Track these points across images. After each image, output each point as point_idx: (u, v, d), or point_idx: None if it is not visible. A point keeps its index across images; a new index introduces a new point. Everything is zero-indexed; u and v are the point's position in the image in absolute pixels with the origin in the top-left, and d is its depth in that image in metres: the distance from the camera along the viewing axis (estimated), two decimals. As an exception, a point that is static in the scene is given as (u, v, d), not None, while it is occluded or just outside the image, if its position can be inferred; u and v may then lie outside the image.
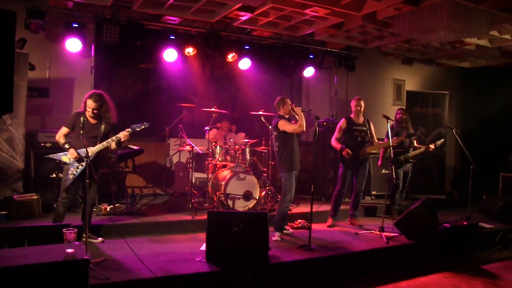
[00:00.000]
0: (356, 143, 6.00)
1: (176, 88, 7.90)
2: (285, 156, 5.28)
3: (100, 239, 4.95)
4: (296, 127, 5.15)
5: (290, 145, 5.27)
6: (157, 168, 7.71)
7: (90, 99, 4.66)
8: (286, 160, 5.28)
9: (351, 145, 5.94)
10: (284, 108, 5.35)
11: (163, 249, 4.80)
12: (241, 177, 6.34)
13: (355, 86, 9.33)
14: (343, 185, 6.05)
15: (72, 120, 4.71)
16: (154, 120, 7.64)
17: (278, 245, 5.05)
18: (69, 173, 4.55)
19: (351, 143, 5.98)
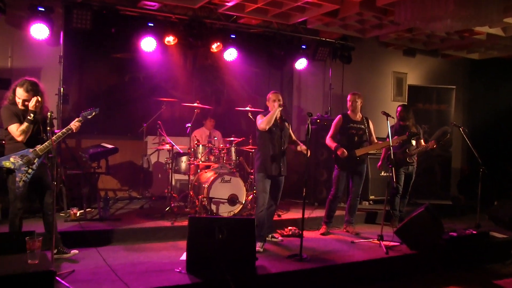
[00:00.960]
0: (352, 142, 6.03)
1: (154, 81, 7.88)
2: (260, 156, 5.32)
3: (74, 251, 4.72)
4: (260, 124, 5.22)
5: (267, 146, 5.26)
6: (133, 169, 7.68)
7: (21, 88, 4.31)
8: (259, 161, 5.32)
9: (347, 144, 5.98)
10: (268, 103, 5.40)
11: (139, 258, 4.79)
12: (226, 179, 6.34)
13: (352, 80, 9.39)
14: (338, 189, 6.08)
15: (16, 114, 4.32)
16: (130, 116, 7.68)
17: (266, 254, 5.06)
18: (17, 180, 4.22)
19: (347, 142, 6.01)
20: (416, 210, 5.63)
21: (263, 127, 5.17)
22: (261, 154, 5.31)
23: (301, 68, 8.62)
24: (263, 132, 5.24)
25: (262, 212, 5.22)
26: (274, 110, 5.19)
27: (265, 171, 5.23)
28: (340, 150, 5.87)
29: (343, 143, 6.00)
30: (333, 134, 6.14)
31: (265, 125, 5.17)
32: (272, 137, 5.26)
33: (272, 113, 5.18)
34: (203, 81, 8.39)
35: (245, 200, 6.44)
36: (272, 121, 5.17)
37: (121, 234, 5.47)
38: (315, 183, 7.82)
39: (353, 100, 6.12)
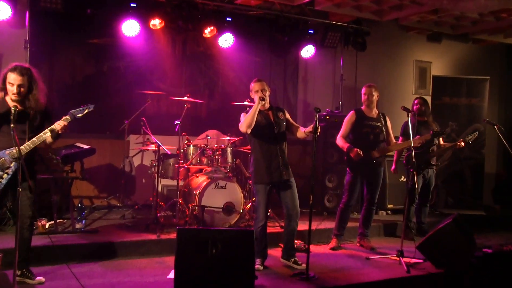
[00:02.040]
0: (367, 142, 6.02)
1: (138, 71, 7.86)
2: (254, 162, 5.26)
3: (40, 278, 4.52)
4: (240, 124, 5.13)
5: (258, 148, 5.19)
6: (113, 173, 7.67)
7: (13, 72, 4.28)
8: (254, 168, 5.25)
9: (362, 144, 5.96)
10: (252, 94, 5.29)
11: (119, 277, 4.75)
12: (221, 184, 6.32)
13: (367, 70, 9.37)
14: (351, 196, 6.07)
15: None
16: (110, 111, 7.66)
17: (267, 272, 5.03)
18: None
19: (362, 142, 6.00)
20: (443, 221, 5.61)
21: (243, 130, 5.06)
22: (253, 159, 5.27)
23: (307, 56, 8.60)
24: (254, 132, 5.15)
25: (259, 229, 5.15)
26: (254, 107, 5.05)
27: (262, 180, 5.17)
28: (354, 151, 5.86)
29: (356, 143, 5.98)
30: (344, 133, 6.12)
31: (245, 127, 5.02)
32: (263, 137, 5.16)
33: (252, 112, 5.00)
34: (194, 72, 8.37)
35: (243, 209, 6.41)
36: (253, 121, 4.99)
37: (98, 249, 5.44)
38: (324, 190, 7.80)
39: (368, 94, 6.10)
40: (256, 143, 5.20)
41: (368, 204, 6.20)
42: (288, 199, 5.22)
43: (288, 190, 5.22)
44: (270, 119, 5.20)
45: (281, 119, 5.27)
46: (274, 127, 5.17)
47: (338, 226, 6.23)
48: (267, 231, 5.33)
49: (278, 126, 5.21)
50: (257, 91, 5.15)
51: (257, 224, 5.19)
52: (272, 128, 5.16)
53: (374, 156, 5.98)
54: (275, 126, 5.19)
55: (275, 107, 5.38)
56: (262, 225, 5.17)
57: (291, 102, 9.12)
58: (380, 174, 6.13)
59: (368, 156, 5.93)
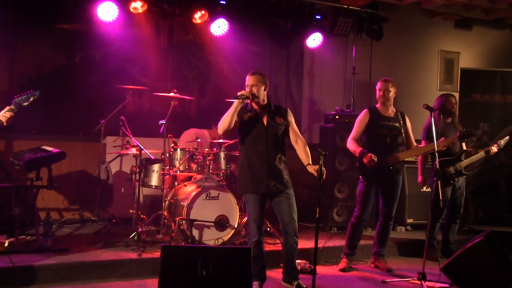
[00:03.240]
0: (383, 145, 6.02)
1: (116, 62, 7.87)
2: (239, 168, 5.29)
3: None
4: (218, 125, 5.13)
5: (244, 153, 5.21)
6: (87, 181, 7.68)
7: None
8: (239, 175, 5.29)
9: (377, 148, 5.96)
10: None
11: (92, 304, 4.76)
12: (213, 195, 6.32)
13: (383, 62, 9.40)
14: (364, 209, 6.06)
15: None
16: (83, 109, 7.67)
17: (267, 298, 5.05)
18: None
19: (377, 146, 6.00)
20: (472, 239, 5.58)
21: (220, 132, 5.09)
22: (239, 164, 5.29)
23: (314, 46, 8.60)
24: (239, 135, 5.18)
25: (253, 246, 5.12)
26: (232, 106, 5.01)
27: (246, 189, 5.18)
28: (367, 156, 5.85)
29: (370, 147, 5.98)
30: (356, 135, 6.12)
31: (220, 129, 5.03)
32: (251, 141, 5.15)
33: (229, 112, 4.98)
34: (182, 63, 8.39)
35: (238, 223, 6.41)
36: (230, 122, 4.95)
37: (69, 270, 5.42)
38: (333, 201, 7.79)
39: (384, 89, 6.10)
40: (243, 147, 5.22)
41: (384, 219, 6.19)
42: (284, 213, 5.20)
43: (283, 202, 5.20)
44: (262, 121, 5.16)
45: (279, 123, 5.20)
46: (265, 131, 5.13)
47: (349, 243, 6.22)
48: (264, 249, 5.31)
49: (271, 130, 5.15)
50: (247, 85, 5.16)
51: (250, 241, 5.19)
52: (263, 132, 5.12)
53: (391, 162, 5.99)
54: (268, 129, 5.14)
55: (276, 106, 5.33)
56: (255, 241, 5.15)
57: (294, 100, 9.14)
58: (398, 183, 6.12)
59: (384, 162, 5.92)
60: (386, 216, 6.18)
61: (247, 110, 5.16)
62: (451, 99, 6.77)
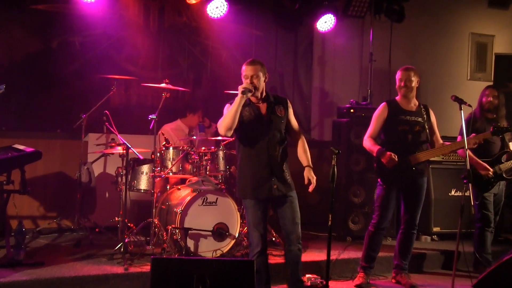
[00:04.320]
0: (405, 143, 6.00)
1: (99, 48, 7.87)
2: (238, 170, 5.29)
3: None
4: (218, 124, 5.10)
5: (242, 153, 5.20)
6: (66, 185, 7.69)
7: None
8: (238, 178, 5.29)
9: (397, 146, 5.94)
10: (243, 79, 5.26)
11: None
12: (210, 200, 6.32)
13: (405, 48, 9.39)
14: (383, 216, 6.04)
15: None
16: (61, 102, 7.68)
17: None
18: None
19: (397, 144, 5.98)
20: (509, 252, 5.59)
21: (222, 132, 5.02)
22: (238, 166, 5.27)
23: (326, 29, 8.60)
24: (236, 134, 5.17)
25: (255, 257, 5.11)
26: (235, 102, 4.97)
27: (245, 194, 5.17)
28: (386, 155, 5.83)
29: (390, 145, 5.97)
30: (374, 132, 6.11)
31: (223, 130, 4.97)
32: (250, 138, 5.14)
33: (232, 109, 4.96)
34: (175, 50, 8.40)
35: (239, 232, 6.42)
36: (234, 121, 4.94)
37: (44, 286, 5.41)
38: (347, 207, 7.80)
39: (405, 79, 6.07)
40: (241, 145, 5.20)
41: (406, 227, 6.17)
42: (287, 219, 5.19)
43: (285, 207, 5.19)
44: (262, 115, 5.14)
45: (280, 116, 5.20)
46: (266, 126, 5.11)
47: (366, 255, 6.21)
48: (268, 261, 5.32)
49: (273, 125, 5.14)
50: (245, 76, 5.13)
51: (252, 252, 5.17)
52: (264, 127, 5.10)
53: (413, 162, 5.98)
54: (269, 125, 5.12)
55: (275, 97, 5.31)
56: (258, 252, 5.15)
57: (303, 91, 9.16)
58: (422, 186, 6.10)
59: (405, 162, 5.92)
60: (409, 224, 6.16)
61: (245, 105, 5.11)
62: (487, 92, 6.73)
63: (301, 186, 5.35)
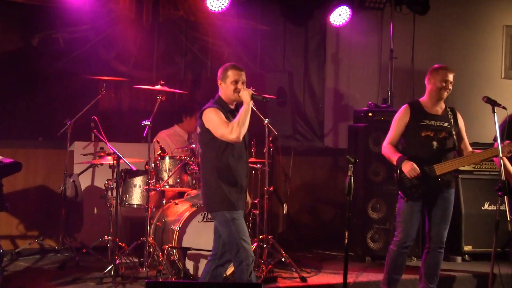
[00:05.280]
0: (429, 151, 5.94)
1: (85, 46, 7.90)
2: (213, 182, 5.23)
3: None
4: (227, 131, 5.06)
5: (226, 162, 5.19)
6: (49, 200, 7.72)
7: None
8: (215, 191, 5.23)
9: (421, 155, 5.90)
10: (223, 85, 5.33)
11: None
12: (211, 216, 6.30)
13: (430, 43, 9.39)
14: (407, 233, 5.96)
15: None
16: (43, 107, 7.70)
17: None
18: None
19: (421, 152, 5.93)
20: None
21: (239, 138, 5.04)
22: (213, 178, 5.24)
23: (340, 23, 8.59)
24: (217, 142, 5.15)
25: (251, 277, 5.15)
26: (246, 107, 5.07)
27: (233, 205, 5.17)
28: (407, 164, 5.79)
29: (412, 154, 5.93)
30: (394, 138, 6.06)
31: (242, 135, 5.04)
32: (236, 148, 5.20)
33: (248, 113, 5.08)
34: (171, 47, 8.44)
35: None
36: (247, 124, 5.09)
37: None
38: (366, 223, 7.77)
39: (441, 79, 6.01)
40: (221, 154, 5.20)
41: (433, 246, 6.10)
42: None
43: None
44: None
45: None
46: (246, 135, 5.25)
47: (388, 278, 6.15)
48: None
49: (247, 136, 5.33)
50: (235, 81, 5.20)
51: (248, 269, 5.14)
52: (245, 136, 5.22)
53: (439, 172, 5.93)
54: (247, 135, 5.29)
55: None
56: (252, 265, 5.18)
57: (315, 92, 9.16)
58: (449, 199, 6.03)
59: (430, 172, 5.92)
60: (436, 242, 6.10)
61: (227, 111, 5.24)
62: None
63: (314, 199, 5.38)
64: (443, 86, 5.95)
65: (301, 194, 8.44)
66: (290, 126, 8.07)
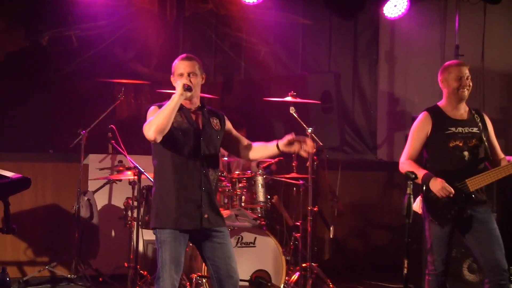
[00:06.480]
0: (459, 164, 5.77)
1: (101, 45, 7.99)
2: (156, 194, 5.19)
3: None
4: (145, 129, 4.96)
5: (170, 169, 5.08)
6: (60, 221, 7.78)
7: None
8: (156, 203, 5.17)
9: (449, 169, 5.72)
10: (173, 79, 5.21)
11: None
12: (247, 240, 6.40)
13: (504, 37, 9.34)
14: (439, 260, 5.76)
15: None
16: (54, 115, 7.77)
17: None
18: None
19: (449, 166, 5.74)
20: None
21: (149, 136, 4.88)
22: (157, 188, 5.21)
23: (395, 15, 8.60)
24: (156, 145, 5.06)
25: None
26: (173, 98, 4.90)
27: (167, 222, 5.03)
28: (437, 183, 5.61)
29: (438, 168, 5.81)
30: (414, 152, 5.85)
31: (153, 132, 4.84)
32: (179, 151, 5.08)
33: (169, 106, 4.89)
34: (198, 45, 8.50)
35: (285, 281, 6.47)
36: (169, 121, 4.86)
37: None
38: (428, 250, 7.76)
39: (455, 77, 5.94)
40: (164, 158, 5.11)
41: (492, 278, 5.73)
42: (221, 259, 5.11)
43: (216, 245, 5.12)
44: (197, 123, 5.14)
45: (216, 130, 5.23)
46: (202, 138, 5.11)
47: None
48: None
49: (208, 138, 5.16)
50: (181, 74, 5.09)
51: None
52: (198, 138, 5.09)
53: (473, 187, 5.74)
54: (204, 137, 5.13)
55: (209, 108, 5.34)
56: None
57: (366, 96, 9.19)
58: (488, 219, 5.79)
59: (463, 188, 5.72)
60: (495, 272, 5.93)
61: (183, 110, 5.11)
62: None
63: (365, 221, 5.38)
64: (460, 85, 5.83)
65: (350, 215, 8.43)
66: (337, 136, 8.10)
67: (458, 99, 5.84)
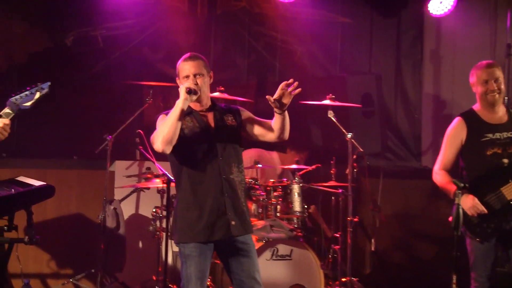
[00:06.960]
0: (499, 173, 5.71)
1: (129, 45, 8.07)
2: (179, 207, 5.17)
3: None
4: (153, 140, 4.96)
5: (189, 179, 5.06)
6: (85, 231, 7.84)
7: None
8: (178, 217, 5.18)
9: (487, 179, 5.66)
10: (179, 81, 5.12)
11: None
12: (282, 252, 6.37)
13: None
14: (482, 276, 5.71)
15: None
16: (78, 119, 7.85)
17: None
18: None
19: (487, 175, 5.69)
20: None
21: (158, 148, 4.86)
22: (178, 201, 5.19)
23: (441, 12, 8.57)
24: (170, 155, 5.03)
25: None
26: (176, 107, 4.82)
27: (186, 236, 5.03)
28: (468, 200, 5.49)
29: (475, 178, 5.73)
30: (448, 162, 5.81)
31: (161, 144, 4.83)
32: (195, 158, 5.06)
33: (172, 116, 4.85)
34: (231, 45, 8.56)
35: (324, 296, 6.46)
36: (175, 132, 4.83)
37: None
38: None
39: (482, 81, 5.84)
40: (181, 169, 5.11)
41: None
42: (243, 274, 5.07)
43: (241, 258, 5.09)
44: (210, 125, 5.12)
45: (232, 127, 5.19)
46: (217, 140, 5.06)
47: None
48: None
49: (223, 138, 5.10)
50: (186, 76, 5.05)
51: None
52: (213, 141, 5.05)
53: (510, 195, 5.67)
54: (219, 138, 5.08)
55: (222, 106, 5.31)
56: None
57: (410, 99, 9.10)
58: None
59: (501, 199, 5.63)
60: None
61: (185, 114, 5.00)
62: None
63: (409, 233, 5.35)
64: (488, 89, 5.75)
65: (393, 226, 8.38)
66: (378, 142, 8.09)
67: (489, 104, 5.77)
